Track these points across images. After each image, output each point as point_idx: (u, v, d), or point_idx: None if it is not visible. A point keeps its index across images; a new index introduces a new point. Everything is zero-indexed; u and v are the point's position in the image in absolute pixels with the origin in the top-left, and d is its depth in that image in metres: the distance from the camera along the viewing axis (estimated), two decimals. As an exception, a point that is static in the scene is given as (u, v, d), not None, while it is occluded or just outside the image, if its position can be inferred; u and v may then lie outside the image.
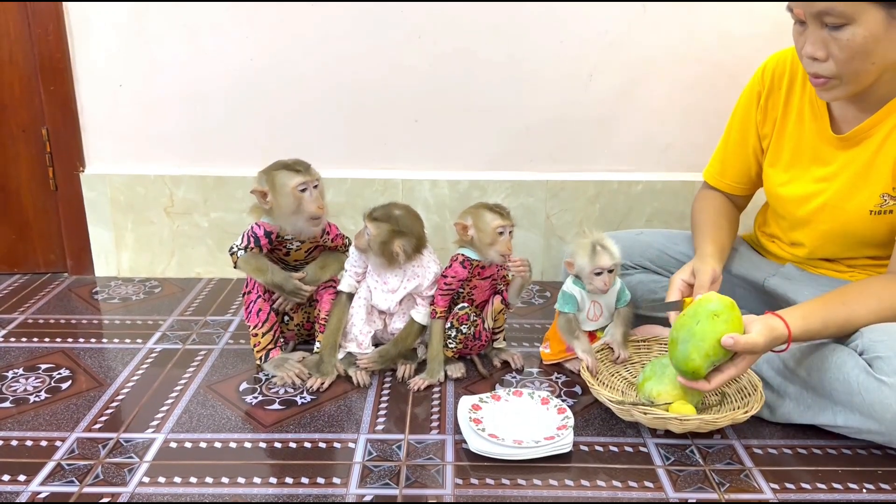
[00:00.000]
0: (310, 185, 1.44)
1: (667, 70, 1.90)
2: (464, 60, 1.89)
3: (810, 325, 1.20)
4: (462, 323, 1.49)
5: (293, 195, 1.44)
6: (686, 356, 1.20)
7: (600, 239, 1.43)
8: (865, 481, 1.18)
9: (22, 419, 1.35)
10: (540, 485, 1.17)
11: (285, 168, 1.45)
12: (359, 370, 1.49)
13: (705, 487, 1.16)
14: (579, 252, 1.43)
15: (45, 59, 1.89)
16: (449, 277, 1.48)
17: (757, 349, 1.18)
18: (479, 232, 1.45)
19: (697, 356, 1.19)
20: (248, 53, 1.90)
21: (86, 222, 2.03)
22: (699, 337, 1.19)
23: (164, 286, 2.01)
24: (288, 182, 1.43)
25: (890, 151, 1.26)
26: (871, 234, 1.33)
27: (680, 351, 1.21)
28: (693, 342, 1.19)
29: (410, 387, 1.46)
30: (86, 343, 1.67)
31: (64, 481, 1.17)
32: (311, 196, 1.45)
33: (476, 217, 1.46)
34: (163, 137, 1.98)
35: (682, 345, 1.21)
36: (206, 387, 1.47)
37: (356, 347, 1.52)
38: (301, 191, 1.44)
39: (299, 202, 1.44)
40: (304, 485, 1.17)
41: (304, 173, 1.44)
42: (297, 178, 1.43)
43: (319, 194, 1.47)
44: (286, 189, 1.43)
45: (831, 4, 1.13)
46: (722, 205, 1.55)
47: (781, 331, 1.18)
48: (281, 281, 1.49)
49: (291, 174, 1.44)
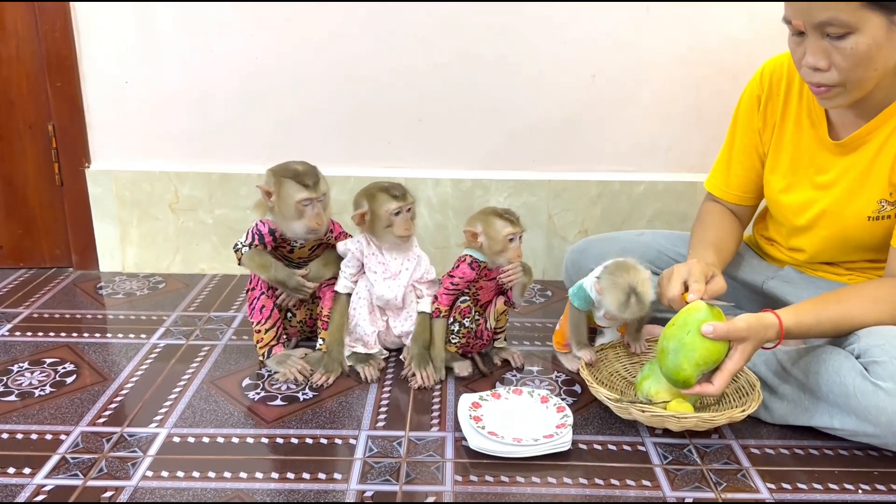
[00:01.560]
0: (315, 200, 1.44)
1: (670, 71, 1.90)
2: (467, 60, 1.90)
3: (802, 318, 1.21)
4: (464, 316, 1.49)
5: (296, 207, 1.44)
6: (677, 366, 1.21)
7: (637, 283, 1.30)
8: (861, 482, 1.19)
9: (27, 413, 1.37)
10: (539, 482, 1.18)
11: (294, 179, 1.43)
12: (367, 366, 1.50)
13: (702, 486, 1.17)
14: (611, 293, 1.32)
15: (51, 56, 1.91)
16: (456, 278, 1.48)
17: (739, 333, 1.17)
18: (489, 240, 1.45)
19: (688, 366, 1.20)
20: (254, 52, 1.91)
21: (91, 218, 2.04)
22: (689, 347, 1.19)
23: (169, 282, 2.02)
24: (293, 194, 1.43)
25: (887, 157, 1.27)
26: (869, 240, 1.34)
27: (670, 361, 1.21)
28: (684, 352, 1.20)
29: (412, 385, 1.47)
30: (90, 338, 1.68)
31: (68, 474, 1.19)
32: (312, 211, 1.45)
33: (486, 224, 1.45)
34: (168, 134, 1.99)
35: (672, 355, 1.21)
36: (210, 382, 1.49)
37: (363, 347, 1.53)
38: (304, 205, 1.44)
39: (300, 214, 1.45)
40: (306, 480, 1.18)
41: (311, 189, 1.43)
42: (303, 193, 1.43)
43: (323, 208, 1.46)
44: (290, 200, 1.44)
45: (833, 15, 1.12)
46: (726, 223, 1.50)
47: (770, 319, 1.19)
48: (284, 278, 1.51)
49: (298, 188, 1.43)
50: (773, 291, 1.47)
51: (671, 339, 1.22)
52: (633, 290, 1.30)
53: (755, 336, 1.19)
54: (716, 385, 1.20)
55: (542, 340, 1.69)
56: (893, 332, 1.19)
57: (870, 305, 1.23)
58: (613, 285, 1.33)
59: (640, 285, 1.31)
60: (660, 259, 1.59)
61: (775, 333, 1.20)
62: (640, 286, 1.31)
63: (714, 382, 1.21)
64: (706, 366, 1.20)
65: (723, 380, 1.20)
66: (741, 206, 1.52)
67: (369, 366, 1.50)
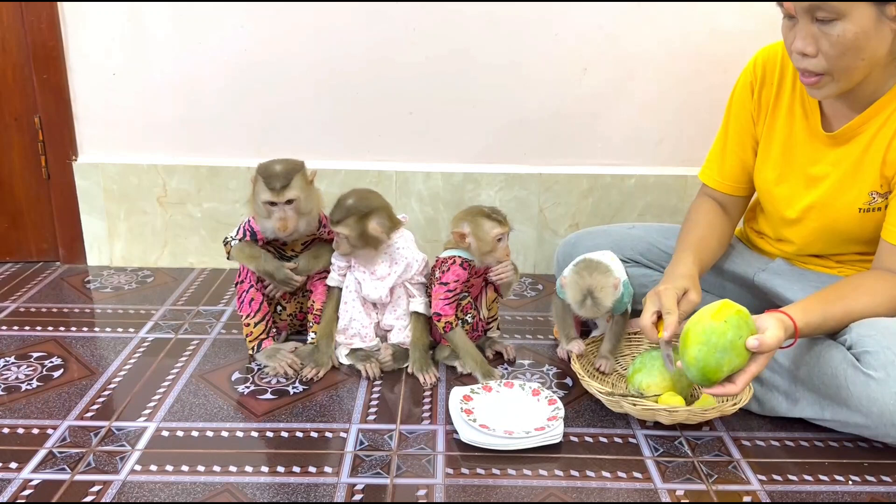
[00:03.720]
0: (280, 202, 1.43)
1: (660, 65, 1.90)
2: (459, 53, 1.90)
3: (810, 319, 1.21)
4: (467, 313, 1.49)
5: (264, 207, 1.44)
6: (718, 366, 1.15)
7: (596, 288, 1.33)
8: (852, 473, 1.19)
9: (13, 407, 1.36)
10: (530, 475, 1.18)
11: (264, 178, 1.42)
12: (369, 363, 1.49)
13: (693, 479, 1.17)
14: (570, 290, 1.36)
15: (38, 48, 1.89)
16: (451, 283, 1.45)
17: (777, 346, 1.16)
18: (478, 241, 1.44)
19: (727, 370, 1.16)
20: (242, 44, 1.90)
21: (78, 211, 2.02)
22: (737, 352, 1.15)
23: (157, 276, 2.01)
24: (260, 193, 1.43)
25: (878, 149, 1.27)
26: (859, 232, 1.34)
27: (713, 358, 1.15)
28: (731, 354, 1.15)
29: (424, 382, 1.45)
30: (78, 332, 1.67)
31: (55, 469, 1.18)
32: (277, 214, 1.43)
33: (475, 226, 1.44)
34: (156, 127, 1.97)
35: (719, 353, 1.15)
36: (199, 376, 1.48)
37: (361, 342, 1.52)
38: (269, 207, 1.44)
39: (269, 214, 1.44)
40: (296, 473, 1.17)
41: (276, 192, 1.41)
42: (266, 195, 1.42)
43: (295, 212, 1.44)
44: (258, 198, 1.44)
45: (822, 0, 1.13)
46: (713, 221, 1.49)
47: (788, 323, 1.18)
48: (272, 269, 1.50)
49: (264, 188, 1.42)
50: (764, 284, 1.47)
51: (720, 337, 1.15)
52: (591, 293, 1.33)
53: (777, 345, 1.17)
54: (738, 385, 1.17)
55: (534, 334, 1.69)
56: (885, 323, 1.20)
57: (869, 299, 1.24)
58: (574, 283, 1.35)
59: (597, 291, 1.33)
60: (650, 252, 1.59)
61: (790, 337, 1.19)
62: (597, 291, 1.33)
63: (736, 382, 1.17)
64: (735, 371, 1.18)
65: (744, 381, 1.17)
66: (735, 198, 1.51)
67: (370, 363, 1.49)
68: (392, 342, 1.52)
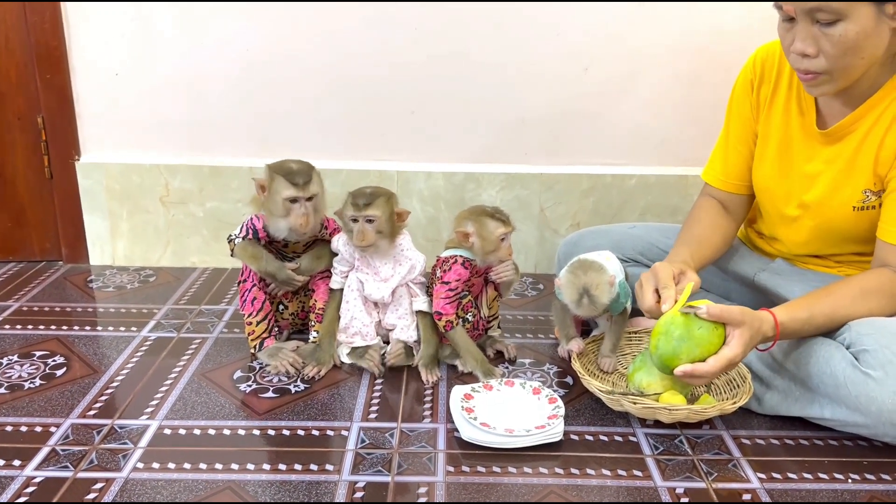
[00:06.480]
0: (302, 199, 1.44)
1: (662, 64, 1.91)
2: (460, 53, 1.90)
3: (796, 314, 1.21)
4: (467, 311, 1.49)
5: (283, 204, 1.44)
6: (675, 354, 1.20)
7: (591, 287, 1.33)
8: (851, 472, 1.19)
9: (17, 405, 1.36)
10: (530, 473, 1.18)
11: (285, 176, 1.43)
12: (368, 356, 1.50)
13: (693, 477, 1.18)
14: (566, 290, 1.36)
15: (41, 48, 1.89)
16: (453, 282, 1.45)
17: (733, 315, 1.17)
18: (482, 240, 1.44)
19: (686, 358, 1.19)
20: (245, 44, 1.90)
21: (81, 211, 2.03)
22: (696, 342, 1.18)
23: (159, 275, 2.01)
24: (281, 191, 1.43)
25: (871, 147, 1.27)
26: (854, 231, 1.34)
27: (671, 345, 1.20)
28: (689, 343, 1.18)
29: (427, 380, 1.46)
30: (80, 331, 1.67)
31: (58, 466, 1.18)
32: (299, 210, 1.44)
33: (479, 225, 1.44)
34: (159, 126, 1.98)
35: (675, 341, 1.19)
36: (201, 375, 1.48)
37: (361, 340, 1.53)
38: (291, 203, 1.44)
39: (287, 212, 1.45)
40: (297, 471, 1.18)
41: (300, 187, 1.43)
42: (290, 191, 1.43)
43: (313, 210, 1.46)
44: (278, 196, 1.44)
45: (823, 2, 1.13)
46: (714, 220, 1.49)
47: (763, 313, 1.19)
48: (274, 270, 1.50)
49: (287, 185, 1.43)
50: (765, 284, 1.48)
51: (679, 327, 1.20)
52: (586, 291, 1.33)
53: (750, 322, 1.17)
54: (709, 364, 1.17)
55: (535, 333, 1.69)
56: (883, 322, 1.20)
57: (860, 298, 1.24)
58: (570, 283, 1.35)
59: (593, 288, 1.33)
60: (651, 251, 1.59)
61: (770, 327, 1.20)
62: (593, 289, 1.33)
63: (708, 361, 1.17)
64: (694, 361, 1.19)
65: (718, 362, 1.16)
66: (738, 196, 1.50)
67: (371, 360, 1.50)
68: (400, 339, 1.53)
